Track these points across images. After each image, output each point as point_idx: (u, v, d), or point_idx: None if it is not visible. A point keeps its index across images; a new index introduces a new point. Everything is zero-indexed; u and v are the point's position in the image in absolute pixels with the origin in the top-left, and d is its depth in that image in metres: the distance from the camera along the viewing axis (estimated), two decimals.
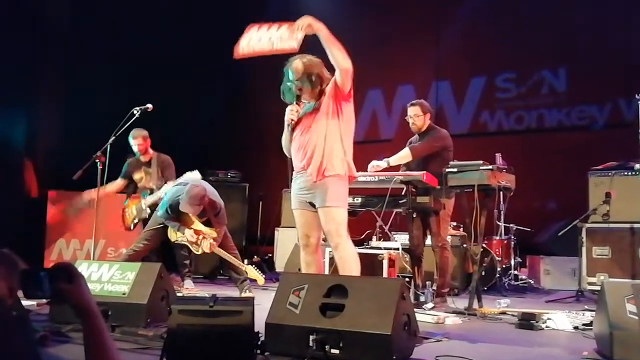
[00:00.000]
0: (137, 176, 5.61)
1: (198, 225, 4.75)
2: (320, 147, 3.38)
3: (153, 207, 5.28)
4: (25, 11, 6.78)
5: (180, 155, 5.72)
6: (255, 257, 7.19)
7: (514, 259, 6.28)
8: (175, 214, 4.67)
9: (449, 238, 5.00)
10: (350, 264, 3.38)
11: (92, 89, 7.12)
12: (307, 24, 3.21)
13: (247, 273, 4.83)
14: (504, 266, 6.15)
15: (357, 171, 4.42)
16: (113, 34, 7.41)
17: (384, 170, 4.54)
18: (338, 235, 3.38)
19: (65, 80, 7.47)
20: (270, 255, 7.47)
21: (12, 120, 6.66)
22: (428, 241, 4.77)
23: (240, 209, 7.43)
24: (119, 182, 5.63)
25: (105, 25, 7.48)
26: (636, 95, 5.36)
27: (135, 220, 5.48)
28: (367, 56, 8.26)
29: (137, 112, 5.15)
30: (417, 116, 4.73)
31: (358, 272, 3.39)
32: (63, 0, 7.57)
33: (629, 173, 5.44)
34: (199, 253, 4.85)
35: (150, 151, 5.58)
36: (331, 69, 3.41)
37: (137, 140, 5.53)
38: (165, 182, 5.29)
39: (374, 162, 4.56)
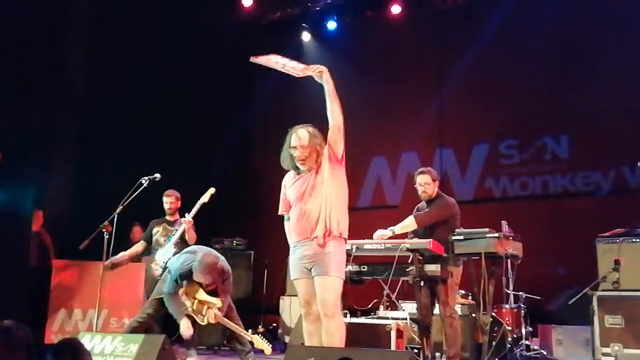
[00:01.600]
0: (155, 229, 5.63)
1: (202, 295, 4.69)
2: (325, 210, 3.43)
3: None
4: (40, 75, 6.97)
5: None
6: (260, 326, 7.06)
7: (525, 328, 6.13)
8: (186, 282, 4.61)
9: (457, 307, 4.92)
10: (340, 337, 3.36)
11: (101, 159, 7.24)
12: (321, 70, 3.50)
13: (253, 343, 4.73)
14: (514, 336, 6.00)
15: (363, 238, 4.47)
16: (124, 105, 7.62)
17: (390, 238, 4.54)
18: (335, 305, 3.38)
19: (76, 150, 7.61)
20: (275, 324, 7.33)
21: (22, 188, 6.73)
22: (436, 310, 4.69)
23: (245, 276, 7.36)
24: (141, 244, 5.68)
25: (117, 94, 7.69)
26: (638, 163, 5.41)
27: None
28: (371, 124, 8.45)
29: (145, 181, 5.22)
30: (427, 184, 4.76)
31: (343, 346, 3.35)
32: (78, 66, 7.81)
33: (637, 240, 5.39)
34: (203, 324, 4.76)
35: (177, 215, 5.64)
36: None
37: (170, 198, 5.63)
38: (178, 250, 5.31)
39: (379, 232, 4.56)
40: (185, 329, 4.55)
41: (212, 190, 5.30)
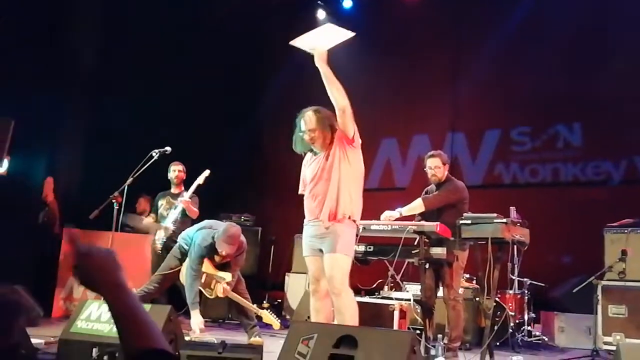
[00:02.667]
0: (160, 202, 5.74)
1: (210, 269, 4.74)
2: (332, 193, 3.47)
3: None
4: (50, 57, 6.97)
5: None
6: (265, 302, 7.13)
7: (528, 314, 6.16)
8: (209, 254, 4.68)
9: (461, 290, 4.94)
10: (351, 314, 3.40)
11: (112, 129, 7.28)
12: (321, 52, 3.41)
13: (262, 318, 4.79)
14: (517, 321, 6.03)
15: (371, 219, 4.48)
16: (135, 78, 7.61)
17: (398, 219, 4.55)
18: (342, 283, 3.42)
19: (86, 120, 7.65)
20: (280, 300, 7.40)
21: (32, 158, 6.78)
22: (440, 293, 4.71)
23: (252, 252, 7.42)
24: (152, 217, 5.82)
25: (128, 67, 7.69)
26: None
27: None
28: (383, 106, 8.39)
29: (156, 154, 5.26)
30: (437, 167, 4.76)
31: (356, 323, 3.38)
32: (88, 43, 7.81)
33: None
34: (212, 297, 4.82)
35: (182, 187, 5.74)
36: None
37: (178, 166, 5.75)
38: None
39: (387, 213, 4.57)
40: (198, 324, 4.58)
41: (206, 172, 5.41)
